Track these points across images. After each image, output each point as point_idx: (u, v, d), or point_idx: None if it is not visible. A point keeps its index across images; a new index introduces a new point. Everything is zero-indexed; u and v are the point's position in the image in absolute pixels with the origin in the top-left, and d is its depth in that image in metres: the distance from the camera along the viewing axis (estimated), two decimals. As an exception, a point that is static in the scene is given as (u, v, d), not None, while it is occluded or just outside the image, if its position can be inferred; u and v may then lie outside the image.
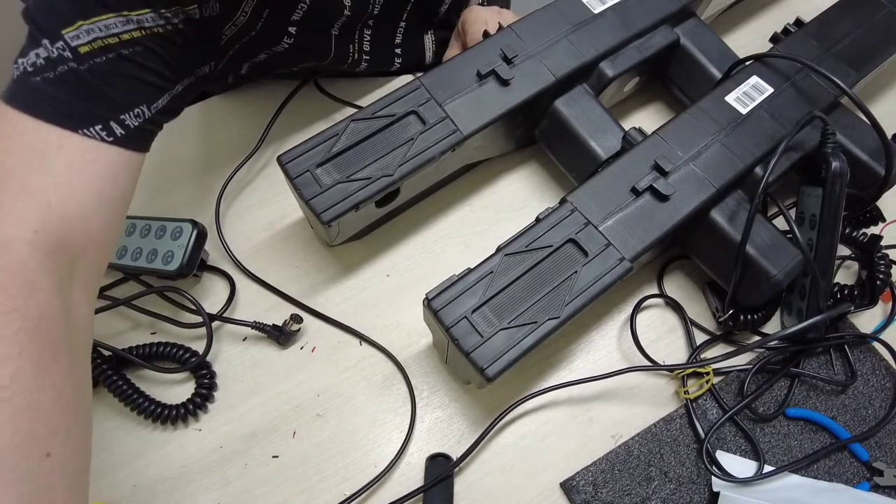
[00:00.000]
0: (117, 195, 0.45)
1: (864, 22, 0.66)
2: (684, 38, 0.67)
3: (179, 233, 0.59)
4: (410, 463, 0.58)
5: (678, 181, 0.56)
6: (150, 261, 0.59)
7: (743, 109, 0.60)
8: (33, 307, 0.36)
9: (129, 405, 0.57)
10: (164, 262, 0.58)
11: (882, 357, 0.62)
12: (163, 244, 0.59)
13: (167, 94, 0.49)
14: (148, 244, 0.60)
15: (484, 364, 0.48)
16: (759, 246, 0.57)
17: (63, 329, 0.38)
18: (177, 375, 0.60)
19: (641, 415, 0.60)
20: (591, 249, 0.52)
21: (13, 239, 0.38)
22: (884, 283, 0.62)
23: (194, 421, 0.58)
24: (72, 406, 0.37)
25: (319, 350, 0.61)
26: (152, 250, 0.59)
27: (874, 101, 0.75)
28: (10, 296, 0.36)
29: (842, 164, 0.55)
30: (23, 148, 0.40)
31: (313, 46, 0.66)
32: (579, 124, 0.61)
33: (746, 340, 0.63)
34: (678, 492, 0.57)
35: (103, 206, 0.43)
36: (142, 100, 0.46)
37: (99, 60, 0.43)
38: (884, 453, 0.59)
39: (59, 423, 0.36)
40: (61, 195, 0.40)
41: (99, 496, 0.56)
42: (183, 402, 0.58)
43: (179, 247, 0.58)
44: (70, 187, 0.41)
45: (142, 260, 0.59)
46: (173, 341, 0.60)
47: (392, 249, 0.66)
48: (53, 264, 0.39)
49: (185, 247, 0.58)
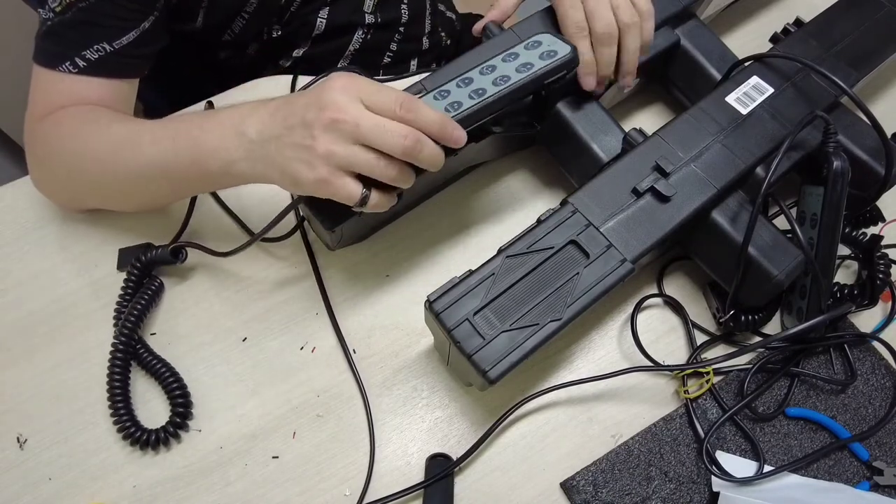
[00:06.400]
0: (109, 100, 0.62)
1: (864, 22, 0.66)
2: (684, 40, 0.67)
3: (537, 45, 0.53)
4: (410, 463, 0.58)
5: (679, 182, 0.56)
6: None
7: (743, 110, 0.60)
8: (103, 112, 0.61)
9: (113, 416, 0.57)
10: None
11: (882, 356, 0.62)
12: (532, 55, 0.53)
13: (133, 31, 0.60)
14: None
15: (486, 366, 0.48)
16: (760, 246, 0.57)
17: (114, 113, 0.61)
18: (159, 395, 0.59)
19: (641, 415, 0.60)
20: (592, 251, 0.52)
21: (68, 108, 0.61)
22: (884, 283, 0.62)
23: (176, 443, 0.58)
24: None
25: (319, 350, 0.61)
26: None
27: (874, 101, 0.75)
28: (92, 109, 0.61)
29: (843, 164, 0.55)
30: (46, 85, 0.61)
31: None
32: (580, 126, 0.61)
33: (747, 341, 0.63)
34: (678, 492, 0.57)
35: (104, 101, 0.62)
36: (101, 38, 0.59)
37: (66, 15, 0.58)
38: (884, 452, 0.59)
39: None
40: (73, 99, 0.61)
41: (99, 496, 0.56)
42: (156, 429, 0.57)
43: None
44: (72, 96, 0.61)
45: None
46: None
47: (392, 250, 0.66)
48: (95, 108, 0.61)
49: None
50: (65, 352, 0.60)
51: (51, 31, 0.59)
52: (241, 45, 0.77)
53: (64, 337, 0.61)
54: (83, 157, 0.59)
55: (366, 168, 0.47)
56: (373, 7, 0.80)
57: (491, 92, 0.50)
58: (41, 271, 0.64)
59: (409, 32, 0.85)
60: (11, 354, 0.60)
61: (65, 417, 0.58)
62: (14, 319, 0.62)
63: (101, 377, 0.58)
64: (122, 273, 0.62)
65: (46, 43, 0.60)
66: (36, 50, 0.60)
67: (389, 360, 0.61)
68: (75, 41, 0.59)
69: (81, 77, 0.60)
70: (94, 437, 0.58)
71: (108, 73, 0.61)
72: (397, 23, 0.83)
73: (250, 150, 0.50)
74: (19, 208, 0.66)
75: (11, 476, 0.56)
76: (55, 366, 0.60)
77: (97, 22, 0.59)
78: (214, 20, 0.71)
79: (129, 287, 0.60)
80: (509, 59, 0.52)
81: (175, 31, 0.67)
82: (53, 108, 0.60)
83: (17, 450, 0.57)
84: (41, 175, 0.64)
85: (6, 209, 0.66)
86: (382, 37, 0.83)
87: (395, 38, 0.84)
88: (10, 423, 0.58)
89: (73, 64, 0.59)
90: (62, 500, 0.56)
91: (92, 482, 0.56)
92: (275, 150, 0.48)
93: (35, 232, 0.65)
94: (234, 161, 0.51)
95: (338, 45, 0.80)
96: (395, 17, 0.82)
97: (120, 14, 0.60)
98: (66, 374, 0.60)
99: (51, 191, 0.64)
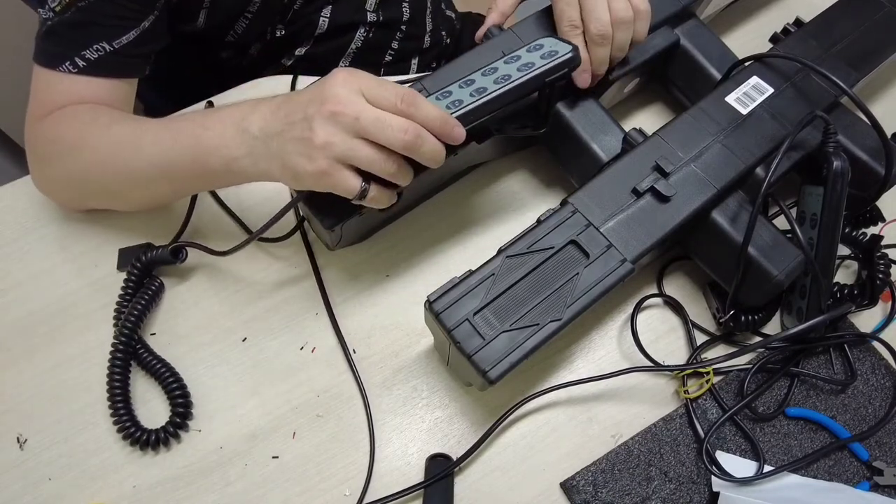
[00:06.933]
0: (109, 99, 0.62)
1: (864, 22, 0.66)
2: (684, 39, 0.67)
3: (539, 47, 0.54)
4: (410, 463, 0.58)
5: (679, 182, 0.56)
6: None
7: (743, 110, 0.60)
8: (104, 111, 0.61)
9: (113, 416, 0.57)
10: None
11: (882, 356, 0.62)
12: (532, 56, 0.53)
13: (133, 31, 0.61)
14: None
15: (486, 367, 0.48)
16: (760, 246, 0.57)
17: (115, 112, 0.61)
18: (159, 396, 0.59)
19: (641, 415, 0.60)
20: (592, 251, 0.52)
21: (69, 107, 0.61)
22: (883, 283, 0.62)
23: (176, 443, 0.58)
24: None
25: (319, 350, 0.61)
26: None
27: (874, 101, 0.75)
28: (93, 108, 0.61)
29: (843, 163, 0.55)
30: (46, 85, 0.61)
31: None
32: (580, 126, 0.61)
33: (747, 341, 0.63)
34: (678, 492, 0.57)
35: (104, 101, 0.62)
36: (101, 38, 0.59)
37: (66, 15, 0.58)
38: (883, 452, 0.59)
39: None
40: (73, 99, 0.61)
41: (99, 496, 0.56)
42: (156, 430, 0.57)
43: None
44: (71, 96, 0.61)
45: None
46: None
47: (392, 250, 0.66)
48: (96, 107, 0.62)
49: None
50: (65, 352, 0.60)
51: (51, 31, 0.59)
52: (244, 45, 0.77)
53: (64, 337, 0.61)
54: (83, 157, 0.59)
55: (365, 162, 0.47)
56: (374, 6, 0.80)
57: (492, 90, 0.50)
58: (41, 271, 0.64)
59: (410, 31, 0.85)
60: (11, 354, 0.60)
61: (65, 417, 0.58)
62: (14, 319, 0.62)
63: (101, 377, 0.58)
64: (122, 273, 0.62)
65: (46, 43, 0.60)
66: (36, 50, 0.61)
67: (389, 360, 0.61)
68: (75, 41, 0.59)
69: (81, 77, 0.60)
70: (94, 437, 0.58)
71: (107, 72, 0.61)
72: (399, 21, 0.83)
73: (252, 147, 0.50)
74: (19, 208, 0.66)
75: (11, 476, 0.56)
76: (55, 366, 0.60)
77: (97, 21, 0.59)
78: (216, 20, 0.71)
79: (130, 287, 0.60)
80: (511, 62, 0.52)
81: (176, 32, 0.67)
82: (54, 108, 0.60)
83: (17, 450, 0.57)
84: (41, 175, 0.64)
85: (6, 209, 0.66)
86: (384, 35, 0.83)
87: (396, 37, 0.84)
88: (10, 423, 0.58)
89: (72, 64, 0.59)
90: (62, 500, 0.56)
91: (92, 482, 0.56)
92: (277, 147, 0.48)
93: (35, 232, 0.65)
94: (236, 158, 0.51)
95: (339, 43, 0.80)
96: (396, 15, 0.82)
97: (119, 14, 0.60)
98: (66, 374, 0.60)
99: (51, 190, 0.64)
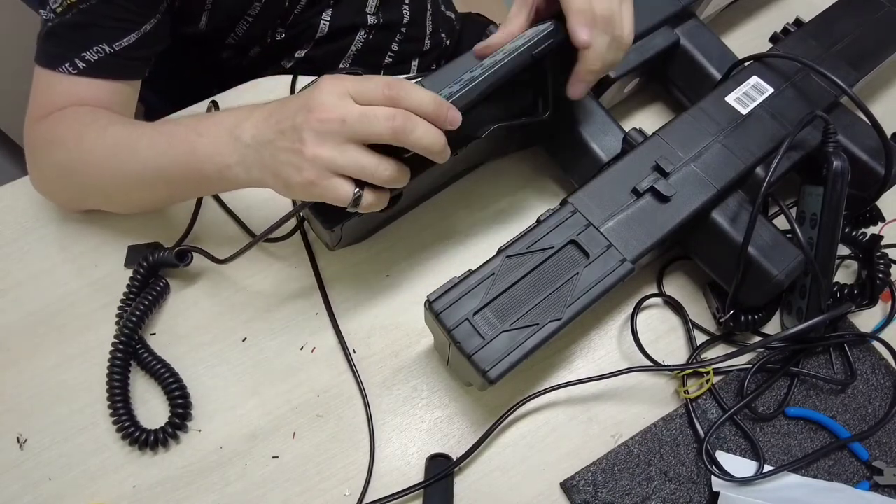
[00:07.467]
0: (109, 101, 0.63)
1: (864, 22, 0.66)
2: (684, 39, 0.67)
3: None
4: (410, 463, 0.58)
5: (679, 182, 0.56)
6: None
7: (743, 110, 0.60)
8: (102, 113, 0.61)
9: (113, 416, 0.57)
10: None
11: (882, 356, 0.62)
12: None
13: (134, 33, 0.61)
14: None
15: (486, 367, 0.48)
16: (760, 246, 0.57)
17: (113, 115, 0.62)
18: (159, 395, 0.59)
19: (641, 414, 0.60)
20: (592, 251, 0.52)
21: (68, 109, 0.61)
22: (883, 283, 0.62)
23: (175, 443, 0.58)
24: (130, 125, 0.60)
25: (319, 350, 0.61)
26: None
27: (874, 101, 0.75)
28: (92, 111, 0.61)
29: (843, 163, 0.55)
30: (46, 86, 0.62)
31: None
32: (580, 126, 0.61)
33: (747, 341, 0.63)
34: (678, 491, 0.57)
35: (104, 103, 0.62)
36: (101, 39, 0.60)
37: (67, 16, 0.59)
38: (883, 452, 0.59)
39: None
40: (73, 100, 0.61)
41: (99, 496, 0.56)
42: (155, 430, 0.57)
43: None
44: (71, 97, 0.61)
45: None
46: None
47: (392, 250, 0.66)
48: (95, 109, 0.62)
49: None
50: (65, 352, 0.60)
51: (51, 32, 0.59)
52: (244, 48, 0.77)
53: (64, 337, 0.61)
54: (80, 159, 0.59)
55: (354, 170, 0.46)
56: (375, 8, 0.80)
57: (480, 74, 0.50)
58: (41, 271, 0.64)
59: (410, 33, 0.85)
60: (11, 354, 0.60)
61: (65, 417, 0.58)
62: (14, 319, 0.62)
63: (101, 377, 0.58)
64: (124, 272, 0.62)
65: (47, 44, 0.60)
66: (37, 51, 0.61)
67: (389, 360, 0.61)
68: (75, 42, 0.59)
69: (81, 78, 0.60)
70: (94, 437, 0.58)
71: (107, 74, 0.62)
72: (399, 24, 0.83)
73: (245, 155, 0.50)
74: (19, 208, 0.66)
75: (11, 476, 0.56)
76: (55, 366, 0.60)
77: (97, 23, 0.59)
78: (217, 23, 0.71)
79: (135, 286, 0.60)
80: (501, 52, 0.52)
81: (178, 34, 0.67)
82: (53, 108, 0.60)
83: (17, 450, 0.57)
84: (40, 175, 0.64)
85: (6, 209, 0.66)
86: (384, 38, 0.83)
87: (396, 39, 0.84)
88: (10, 423, 0.58)
89: (72, 65, 0.60)
90: (62, 500, 0.56)
91: (92, 482, 0.56)
92: (268, 155, 0.48)
93: (35, 232, 0.65)
94: (228, 165, 0.51)
95: (340, 46, 0.80)
96: (396, 18, 0.82)
97: (121, 16, 0.60)
98: (66, 374, 0.60)
99: (49, 191, 0.65)
